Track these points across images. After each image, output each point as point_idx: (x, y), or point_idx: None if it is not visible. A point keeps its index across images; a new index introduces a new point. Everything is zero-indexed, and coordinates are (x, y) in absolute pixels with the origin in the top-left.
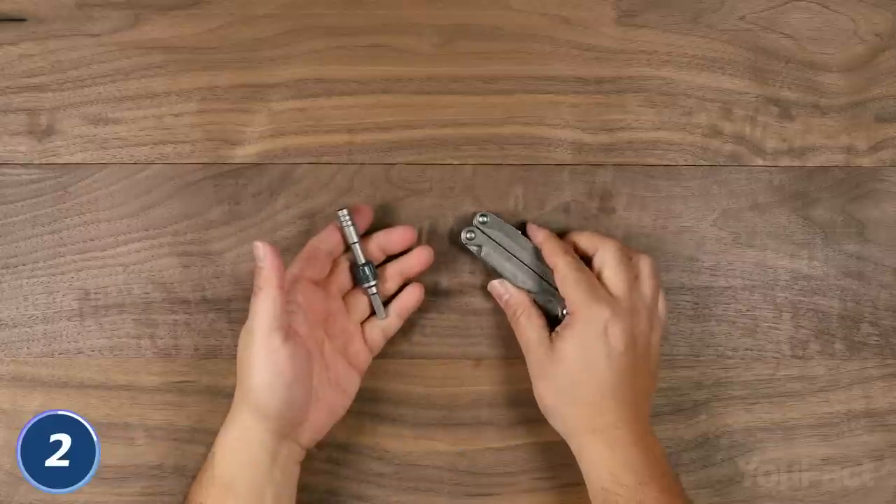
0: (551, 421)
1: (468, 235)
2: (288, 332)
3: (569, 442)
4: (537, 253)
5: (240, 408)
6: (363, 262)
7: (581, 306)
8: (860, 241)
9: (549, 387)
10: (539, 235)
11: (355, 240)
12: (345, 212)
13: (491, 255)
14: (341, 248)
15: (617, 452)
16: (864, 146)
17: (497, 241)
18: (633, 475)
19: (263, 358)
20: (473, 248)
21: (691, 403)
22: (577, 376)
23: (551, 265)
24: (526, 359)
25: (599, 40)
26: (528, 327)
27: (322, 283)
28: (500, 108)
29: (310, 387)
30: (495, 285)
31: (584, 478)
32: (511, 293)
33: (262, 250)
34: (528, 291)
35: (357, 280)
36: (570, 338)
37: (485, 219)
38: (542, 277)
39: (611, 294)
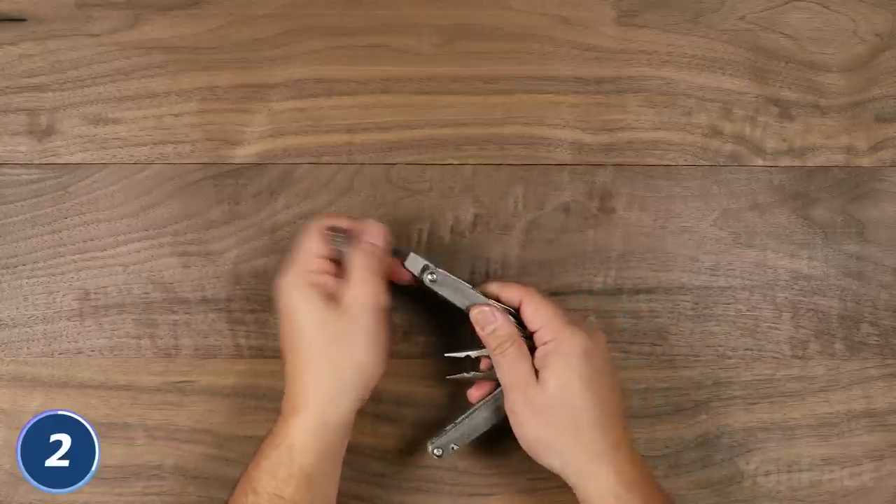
0: (544, 457)
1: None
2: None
3: (566, 474)
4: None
5: (333, 399)
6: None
7: (560, 334)
8: (860, 241)
9: (543, 421)
10: (492, 286)
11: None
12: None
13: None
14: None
15: (622, 474)
16: (864, 146)
17: (447, 297)
18: (638, 493)
19: (375, 334)
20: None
21: (691, 403)
22: (574, 404)
23: (518, 300)
24: (509, 398)
25: (599, 40)
26: (519, 362)
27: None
28: (500, 108)
29: None
30: (483, 312)
31: None
32: (500, 322)
33: (385, 234)
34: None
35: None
36: (556, 366)
37: (433, 277)
38: None
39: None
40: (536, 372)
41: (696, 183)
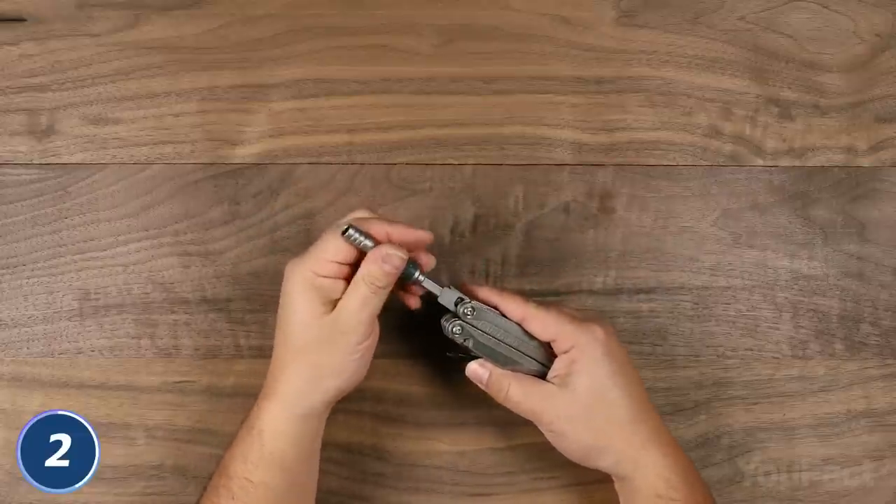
0: (595, 461)
1: (455, 329)
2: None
3: (618, 470)
4: (522, 331)
5: (305, 394)
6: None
7: (577, 339)
8: (860, 241)
9: (585, 426)
10: (493, 296)
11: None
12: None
13: (480, 346)
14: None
15: (668, 457)
16: (864, 146)
17: (483, 329)
18: (684, 476)
19: (359, 347)
20: (459, 339)
21: (691, 403)
22: (607, 401)
23: (520, 316)
24: (542, 418)
25: (599, 40)
26: (528, 388)
27: None
28: (500, 108)
29: None
30: (474, 369)
31: (632, 494)
32: (490, 369)
33: (399, 261)
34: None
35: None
36: (583, 371)
37: (469, 310)
38: (528, 355)
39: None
40: (550, 381)
41: (696, 183)
